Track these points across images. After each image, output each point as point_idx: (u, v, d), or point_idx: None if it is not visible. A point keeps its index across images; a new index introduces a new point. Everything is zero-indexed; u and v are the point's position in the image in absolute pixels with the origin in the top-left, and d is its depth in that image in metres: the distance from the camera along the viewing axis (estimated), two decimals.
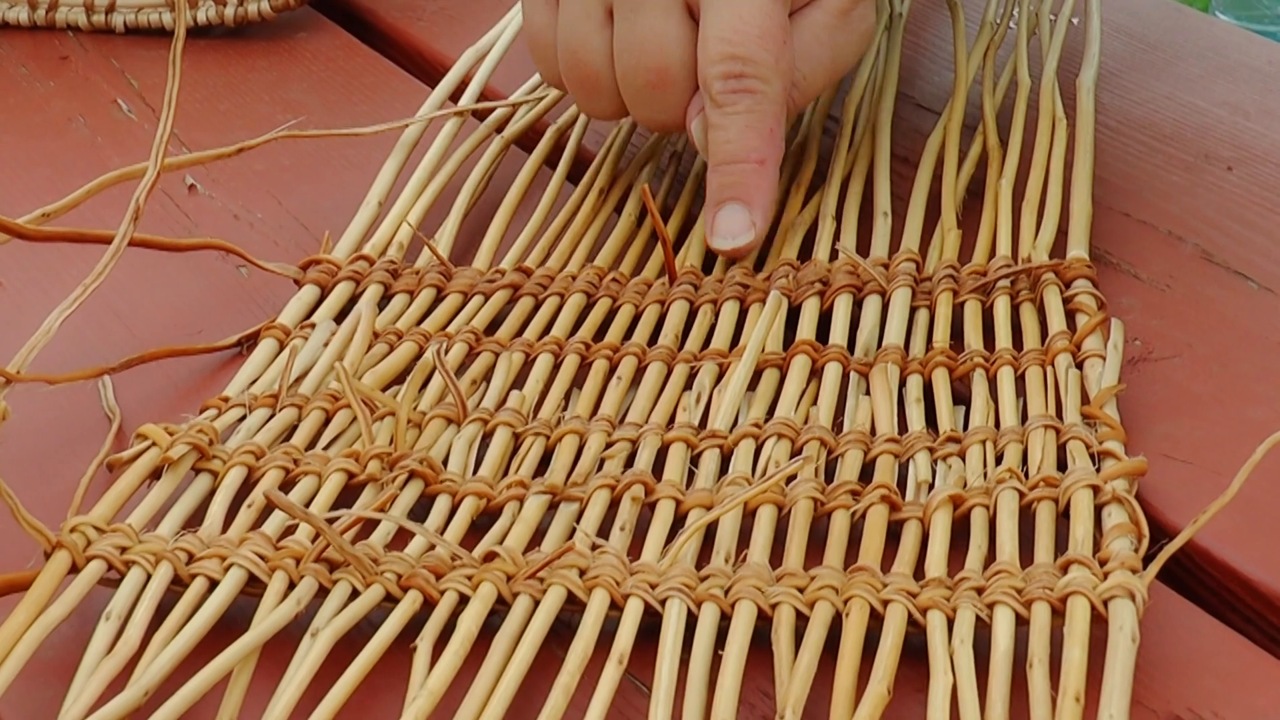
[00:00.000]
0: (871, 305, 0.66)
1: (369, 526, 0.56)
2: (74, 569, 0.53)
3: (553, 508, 0.57)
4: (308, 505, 0.57)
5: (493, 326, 0.67)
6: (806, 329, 0.65)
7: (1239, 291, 0.68)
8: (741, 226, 0.68)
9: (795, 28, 0.69)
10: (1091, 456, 0.57)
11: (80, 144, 0.84)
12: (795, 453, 0.59)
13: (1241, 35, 0.88)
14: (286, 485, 0.58)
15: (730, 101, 0.67)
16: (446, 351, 0.65)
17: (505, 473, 0.59)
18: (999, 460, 0.58)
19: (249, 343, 0.67)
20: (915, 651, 0.51)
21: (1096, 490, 0.55)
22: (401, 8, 0.95)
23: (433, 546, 0.55)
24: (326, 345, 0.66)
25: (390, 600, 0.53)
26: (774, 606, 0.52)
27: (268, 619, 0.52)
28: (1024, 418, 0.60)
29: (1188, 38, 0.87)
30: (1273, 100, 0.81)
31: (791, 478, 0.57)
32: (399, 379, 0.64)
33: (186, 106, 0.86)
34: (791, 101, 0.70)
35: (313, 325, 0.67)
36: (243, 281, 0.72)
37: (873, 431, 0.60)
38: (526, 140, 0.80)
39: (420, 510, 0.57)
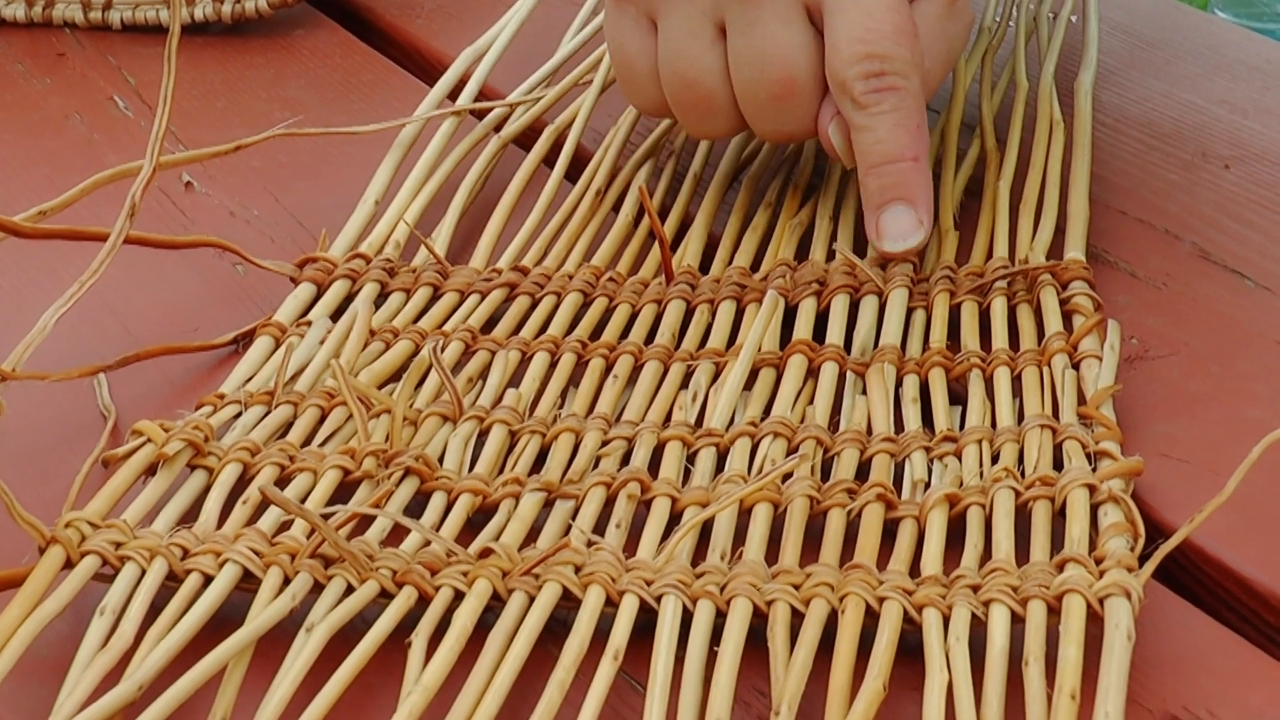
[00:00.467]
0: (868, 305, 0.66)
1: (364, 523, 0.56)
2: (68, 564, 0.53)
3: (548, 505, 0.57)
4: (303, 502, 0.57)
5: (489, 325, 0.67)
6: (803, 329, 0.65)
7: (1236, 290, 0.68)
8: (910, 226, 0.67)
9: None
10: (1088, 456, 0.57)
11: (77, 141, 0.84)
12: (791, 451, 0.59)
13: (1240, 33, 0.88)
14: (282, 482, 0.58)
15: (875, 101, 0.66)
16: (443, 349, 0.65)
17: (501, 470, 0.59)
18: (995, 460, 0.58)
19: (245, 340, 0.67)
20: (911, 649, 0.51)
21: (1093, 489, 0.55)
22: (400, 5, 0.95)
23: (428, 543, 0.55)
24: (322, 343, 0.66)
25: (385, 596, 0.53)
26: (770, 604, 0.52)
27: (262, 615, 0.52)
28: (1020, 418, 0.60)
29: (1186, 36, 0.87)
30: (1271, 98, 0.81)
31: (788, 476, 0.57)
32: (395, 377, 0.64)
33: (184, 104, 0.86)
34: None
35: (309, 323, 0.67)
36: (239, 279, 0.72)
37: (869, 431, 0.60)
38: (524, 139, 0.80)
39: (416, 507, 0.57)
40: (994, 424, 0.60)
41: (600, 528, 0.56)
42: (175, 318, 0.70)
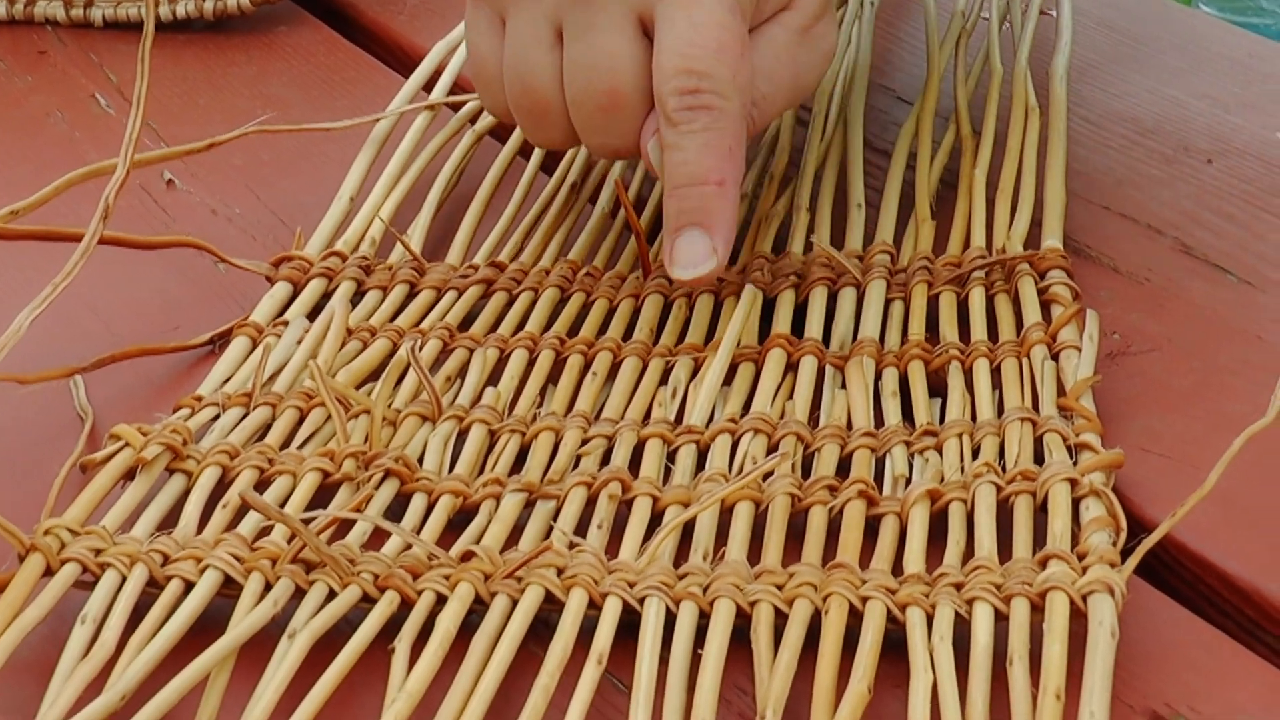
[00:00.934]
0: (847, 298, 0.66)
1: (345, 526, 0.56)
2: (48, 572, 0.53)
3: (529, 505, 0.57)
4: (283, 505, 0.57)
5: (466, 322, 0.67)
6: (782, 322, 0.65)
7: (1218, 284, 0.68)
8: (702, 254, 0.64)
9: (755, 45, 0.66)
10: (1068, 449, 0.57)
11: (58, 139, 0.84)
12: (772, 448, 0.59)
13: (1222, 28, 0.88)
14: (261, 485, 0.58)
15: (686, 119, 0.63)
16: (420, 348, 0.65)
17: (481, 470, 0.59)
18: (976, 453, 0.58)
19: (221, 340, 0.67)
20: (895, 648, 0.51)
21: (1074, 483, 0.55)
22: (382, 1, 0.95)
23: (409, 546, 0.55)
24: (300, 343, 0.65)
25: (368, 601, 0.53)
26: (753, 604, 0.52)
27: (245, 621, 0.51)
28: (1000, 410, 0.60)
29: (1169, 30, 0.87)
30: (1253, 93, 0.81)
31: (769, 474, 0.57)
32: (373, 376, 0.64)
33: (165, 101, 0.86)
34: (751, 121, 0.66)
35: (285, 323, 0.66)
36: (220, 277, 0.71)
37: (849, 425, 0.60)
38: (499, 131, 0.79)
39: (396, 509, 0.57)
40: (974, 417, 0.60)
41: (582, 528, 0.56)
42: (156, 317, 0.69)
